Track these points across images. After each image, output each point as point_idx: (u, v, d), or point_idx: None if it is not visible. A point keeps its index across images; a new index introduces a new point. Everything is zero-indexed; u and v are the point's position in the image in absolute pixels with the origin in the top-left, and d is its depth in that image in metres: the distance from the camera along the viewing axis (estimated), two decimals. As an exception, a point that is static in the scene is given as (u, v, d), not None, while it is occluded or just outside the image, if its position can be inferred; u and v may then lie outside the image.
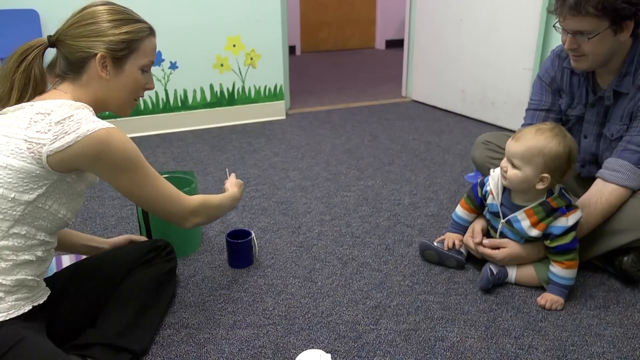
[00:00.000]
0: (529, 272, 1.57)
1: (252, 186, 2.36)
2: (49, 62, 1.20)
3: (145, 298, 1.34)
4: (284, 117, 3.48)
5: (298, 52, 6.45)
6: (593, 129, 1.67)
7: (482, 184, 1.65)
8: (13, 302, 1.08)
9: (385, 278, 1.65)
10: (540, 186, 1.45)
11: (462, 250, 1.70)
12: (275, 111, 3.46)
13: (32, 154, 1.04)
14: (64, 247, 1.48)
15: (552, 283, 1.51)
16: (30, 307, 1.11)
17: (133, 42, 1.18)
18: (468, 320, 1.45)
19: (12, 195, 1.05)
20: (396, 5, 6.28)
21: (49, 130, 1.05)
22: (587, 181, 1.70)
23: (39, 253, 1.13)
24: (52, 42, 1.17)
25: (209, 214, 1.36)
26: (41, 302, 1.14)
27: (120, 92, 1.21)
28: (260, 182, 2.40)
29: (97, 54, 1.14)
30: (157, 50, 1.29)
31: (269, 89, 3.41)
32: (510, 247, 1.56)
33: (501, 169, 1.52)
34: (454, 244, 1.69)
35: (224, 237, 1.88)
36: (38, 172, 1.06)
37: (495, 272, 1.56)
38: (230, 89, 3.30)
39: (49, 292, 1.19)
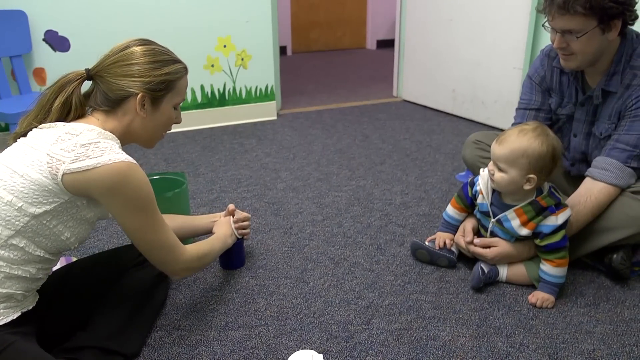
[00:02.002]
0: (519, 271, 1.58)
1: (243, 187, 2.35)
2: (85, 91, 1.23)
3: (137, 300, 1.33)
4: (275, 118, 3.48)
5: (289, 52, 6.45)
6: (582, 127, 1.68)
7: (472, 184, 1.66)
8: (1, 310, 1.06)
9: (377, 278, 1.65)
10: (527, 187, 1.46)
11: (454, 249, 1.70)
12: (266, 112, 3.45)
13: (50, 169, 1.05)
14: (186, 234, 1.58)
15: (543, 281, 1.52)
16: (19, 314, 1.10)
17: (171, 83, 1.22)
18: (460, 319, 1.45)
19: (20, 205, 1.05)
20: (387, 6, 6.30)
21: (72, 150, 1.07)
22: (576, 179, 1.71)
23: (33, 271, 1.11)
24: (91, 75, 1.21)
25: (199, 266, 1.38)
26: (30, 307, 1.13)
27: (152, 128, 1.26)
28: (252, 183, 2.39)
29: (137, 94, 1.18)
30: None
31: (260, 89, 3.40)
32: (500, 246, 1.57)
33: (488, 172, 1.53)
34: (445, 243, 1.69)
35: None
36: (51, 187, 1.06)
37: (486, 270, 1.57)
38: (221, 90, 3.30)
39: (38, 297, 1.18)
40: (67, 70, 1.21)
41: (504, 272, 1.59)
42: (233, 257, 1.69)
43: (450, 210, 1.73)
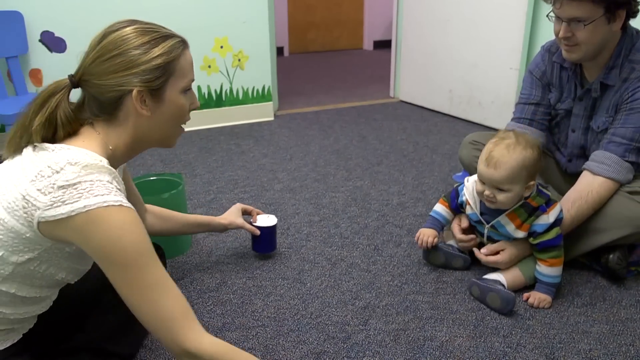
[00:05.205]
0: (517, 276, 1.55)
1: (240, 188, 2.35)
2: (76, 103, 1.03)
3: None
4: (272, 119, 3.48)
5: (286, 53, 6.45)
6: (581, 122, 1.69)
7: (457, 194, 1.65)
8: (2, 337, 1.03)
9: (374, 278, 1.65)
10: (527, 193, 1.47)
11: (453, 243, 1.69)
12: (263, 112, 3.45)
13: (25, 215, 0.90)
14: (166, 230, 1.53)
15: (539, 282, 1.52)
16: (20, 337, 1.06)
17: (169, 65, 1.01)
18: (457, 320, 1.45)
19: (0, 254, 0.93)
20: (384, 6, 6.30)
21: (49, 193, 0.89)
22: (573, 177, 1.72)
23: (34, 308, 1.04)
24: (76, 82, 1.01)
25: None
26: (31, 326, 1.09)
27: (164, 125, 1.05)
28: (249, 184, 2.39)
29: (132, 90, 0.98)
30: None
31: (257, 90, 3.40)
32: (508, 248, 1.55)
33: (486, 197, 1.48)
34: (429, 242, 1.66)
35: (212, 239, 1.87)
36: (28, 235, 0.92)
37: (506, 286, 1.51)
38: (218, 91, 3.29)
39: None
40: (63, 71, 1.12)
41: (504, 282, 1.55)
42: (268, 240, 1.75)
43: (439, 208, 1.71)
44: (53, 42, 2.82)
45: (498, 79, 3.12)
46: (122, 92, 0.98)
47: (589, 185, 1.56)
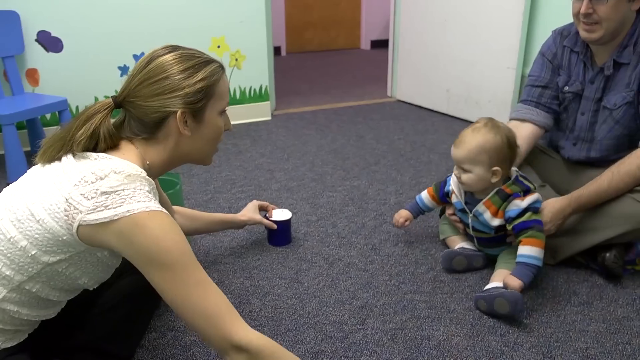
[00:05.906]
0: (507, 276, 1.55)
1: (237, 187, 2.35)
2: (115, 122, 1.08)
3: (133, 302, 1.32)
4: (269, 118, 3.48)
5: (283, 52, 6.45)
6: (591, 105, 1.70)
7: (445, 184, 1.71)
8: (10, 336, 1.04)
9: (372, 278, 1.65)
10: (494, 179, 1.51)
11: (467, 245, 1.71)
12: (260, 112, 3.45)
13: (66, 217, 0.94)
14: (191, 230, 1.60)
15: (517, 263, 1.47)
16: (26, 337, 1.07)
17: (209, 88, 1.08)
18: (454, 319, 1.45)
19: (33, 252, 0.96)
20: (381, 6, 6.30)
21: (92, 198, 0.93)
22: (575, 170, 1.73)
23: (45, 313, 1.06)
24: (119, 102, 1.06)
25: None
26: (35, 327, 1.10)
27: (202, 144, 1.13)
28: (246, 184, 2.39)
29: (176, 112, 1.04)
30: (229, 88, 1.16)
31: (254, 89, 3.40)
32: None
33: (455, 176, 1.57)
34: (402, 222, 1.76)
35: (210, 239, 1.87)
36: (65, 238, 0.95)
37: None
38: (215, 90, 3.29)
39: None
40: (60, 71, 1.15)
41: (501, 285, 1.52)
42: (285, 233, 1.85)
43: (424, 194, 1.78)
44: (49, 42, 2.81)
45: (495, 79, 3.12)
46: (166, 113, 1.04)
47: (633, 152, 1.53)
